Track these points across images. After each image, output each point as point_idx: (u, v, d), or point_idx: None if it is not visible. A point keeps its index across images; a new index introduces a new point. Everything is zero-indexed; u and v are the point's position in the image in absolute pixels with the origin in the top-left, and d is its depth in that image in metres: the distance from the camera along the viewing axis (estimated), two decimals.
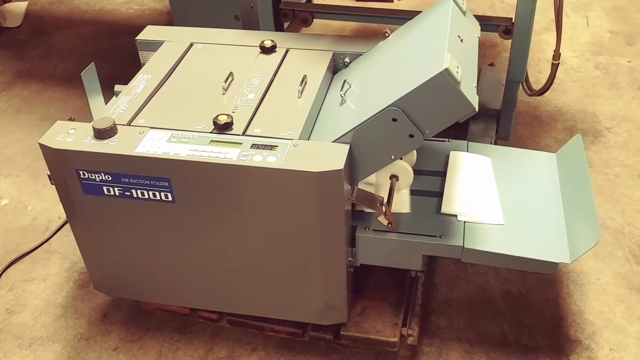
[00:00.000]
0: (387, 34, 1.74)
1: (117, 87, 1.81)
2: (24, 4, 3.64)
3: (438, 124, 1.41)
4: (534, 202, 1.70)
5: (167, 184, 1.47)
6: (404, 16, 2.23)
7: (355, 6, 3.34)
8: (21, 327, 1.90)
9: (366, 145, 1.47)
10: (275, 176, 1.41)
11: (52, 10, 3.63)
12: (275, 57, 1.79)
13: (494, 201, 1.67)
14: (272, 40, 1.82)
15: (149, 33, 1.93)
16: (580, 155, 1.75)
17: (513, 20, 2.07)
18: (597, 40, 3.11)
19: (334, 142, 1.48)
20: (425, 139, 1.44)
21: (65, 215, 1.67)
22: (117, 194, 1.52)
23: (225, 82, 1.66)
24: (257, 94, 1.64)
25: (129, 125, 1.56)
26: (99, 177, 1.51)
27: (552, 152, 1.87)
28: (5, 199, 2.37)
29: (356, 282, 1.71)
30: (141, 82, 1.71)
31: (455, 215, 1.61)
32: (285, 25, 2.62)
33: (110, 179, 1.50)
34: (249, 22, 2.25)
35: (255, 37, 1.87)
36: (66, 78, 2.98)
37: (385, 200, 1.56)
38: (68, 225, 2.05)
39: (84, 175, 1.51)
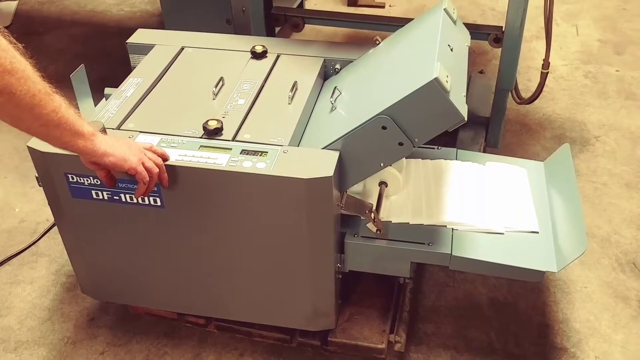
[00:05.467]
0: (377, 42, 1.75)
1: (107, 90, 1.80)
2: (14, 4, 3.62)
3: (427, 132, 1.42)
4: None
5: (155, 188, 1.47)
6: (396, 23, 2.23)
7: (347, 12, 3.36)
8: (6, 331, 1.89)
9: (356, 153, 1.47)
10: (264, 182, 1.41)
11: (42, 10, 3.61)
12: (266, 63, 1.79)
13: (530, 209, 1.69)
14: (263, 46, 1.82)
15: (140, 36, 1.93)
16: (568, 164, 1.76)
17: (503, 29, 2.09)
18: (586, 49, 3.14)
19: (323, 148, 1.49)
20: (415, 147, 1.44)
21: (53, 218, 1.66)
22: (105, 198, 1.51)
23: (216, 87, 1.66)
24: (248, 100, 1.64)
25: (119, 129, 1.56)
26: (87, 180, 1.50)
27: (541, 159, 1.89)
28: None
29: (344, 289, 1.71)
30: (131, 85, 1.71)
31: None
32: (277, 30, 2.62)
33: (99, 183, 1.49)
34: (240, 26, 2.25)
35: (246, 42, 1.87)
36: (56, 79, 2.92)
37: (374, 207, 1.57)
38: (56, 227, 2.04)
39: (73, 178, 1.50)
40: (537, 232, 1.63)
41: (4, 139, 2.64)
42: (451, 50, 1.53)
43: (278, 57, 1.82)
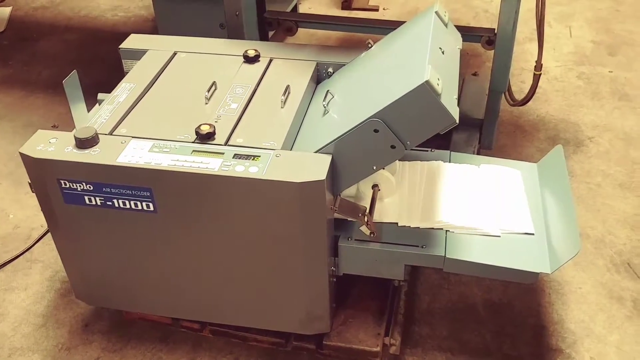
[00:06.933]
0: (370, 45, 1.75)
1: (100, 96, 1.80)
2: (8, 9, 3.62)
3: (419, 135, 1.42)
4: None
5: (148, 194, 1.47)
6: (389, 26, 2.23)
7: (340, 16, 3.36)
8: (1, 337, 1.88)
9: (348, 156, 1.47)
10: (257, 186, 1.41)
11: (36, 16, 3.61)
12: (259, 67, 1.79)
13: (525, 211, 1.69)
14: (255, 50, 1.82)
15: (133, 41, 1.93)
16: (561, 166, 1.77)
17: (495, 31, 2.09)
18: (579, 50, 3.14)
19: (316, 152, 1.49)
20: (407, 150, 1.45)
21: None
22: (98, 203, 1.51)
23: (208, 91, 1.66)
24: (240, 104, 1.64)
25: (111, 134, 1.55)
26: (80, 186, 1.50)
27: (535, 161, 1.89)
28: None
29: (339, 292, 1.71)
30: (124, 91, 1.71)
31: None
32: (270, 34, 2.63)
33: (91, 188, 1.49)
34: (233, 31, 2.25)
35: (238, 47, 1.87)
36: (50, 85, 2.97)
37: (367, 210, 1.57)
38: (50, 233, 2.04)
39: (65, 184, 1.50)
40: (533, 234, 1.63)
41: None
42: (442, 53, 1.53)
43: (271, 61, 1.82)
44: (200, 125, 1.52)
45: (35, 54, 3.25)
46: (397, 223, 1.63)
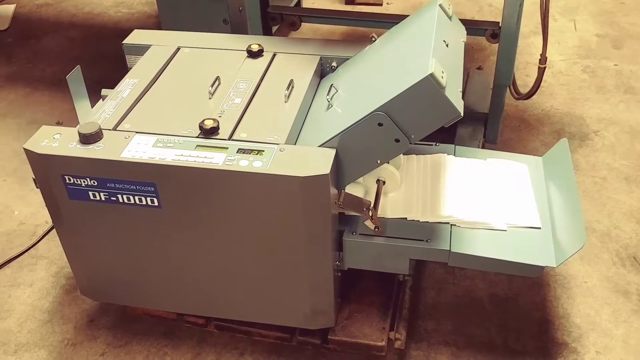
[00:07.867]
0: (373, 38, 1.75)
1: (103, 91, 1.81)
2: (12, 7, 3.62)
3: (424, 128, 1.42)
4: None
5: (152, 189, 1.47)
6: (393, 20, 2.22)
7: (344, 10, 3.35)
8: (6, 333, 1.89)
9: (352, 150, 1.47)
10: (261, 181, 1.41)
11: (40, 13, 3.61)
12: (262, 62, 1.79)
13: (531, 204, 1.68)
14: (259, 45, 1.82)
15: (136, 37, 1.92)
16: (566, 159, 1.76)
17: (500, 24, 2.08)
18: (584, 43, 3.13)
19: (320, 146, 1.48)
20: (411, 143, 1.44)
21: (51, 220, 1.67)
22: (102, 199, 1.51)
23: (212, 86, 1.66)
24: (244, 99, 1.64)
25: (115, 130, 1.55)
26: (84, 182, 1.50)
27: (540, 155, 1.88)
28: None
29: (344, 287, 1.71)
30: (127, 86, 1.71)
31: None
32: (274, 29, 2.62)
33: (96, 184, 1.49)
34: (237, 26, 2.25)
35: (242, 41, 1.87)
36: (54, 81, 2.97)
37: (372, 205, 1.57)
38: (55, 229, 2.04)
39: (70, 180, 1.50)
40: (539, 228, 1.62)
41: (3, 142, 2.64)
42: (447, 45, 1.53)
43: (274, 55, 1.82)
44: (204, 120, 1.52)
45: (38, 51, 3.25)
46: (402, 217, 1.63)
